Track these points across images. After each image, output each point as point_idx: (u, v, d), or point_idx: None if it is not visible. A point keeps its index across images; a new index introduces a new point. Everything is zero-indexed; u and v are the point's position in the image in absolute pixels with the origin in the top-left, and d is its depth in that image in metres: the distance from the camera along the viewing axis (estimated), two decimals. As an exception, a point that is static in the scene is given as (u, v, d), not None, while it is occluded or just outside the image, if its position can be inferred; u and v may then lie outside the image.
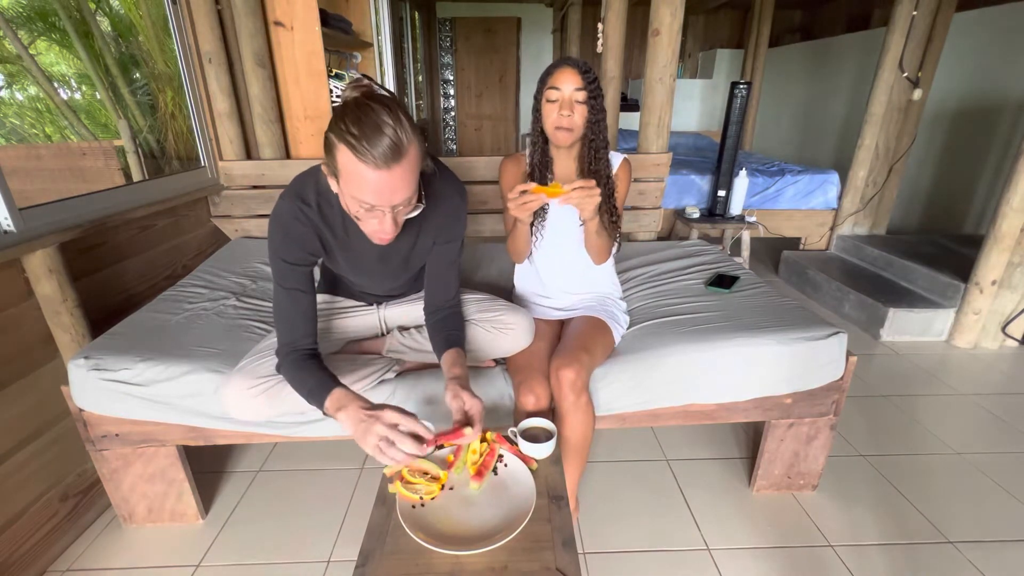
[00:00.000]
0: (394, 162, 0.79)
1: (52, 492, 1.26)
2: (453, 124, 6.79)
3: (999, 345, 2.30)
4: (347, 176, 0.81)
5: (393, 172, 0.80)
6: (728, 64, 5.67)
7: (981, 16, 3.08)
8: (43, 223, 1.28)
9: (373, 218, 0.87)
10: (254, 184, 2.03)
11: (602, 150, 1.25)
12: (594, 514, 1.40)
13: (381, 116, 0.78)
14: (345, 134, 0.78)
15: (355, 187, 0.82)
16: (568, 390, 1.12)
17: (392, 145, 0.78)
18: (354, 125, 0.77)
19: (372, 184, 0.80)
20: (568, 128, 1.19)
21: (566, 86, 1.16)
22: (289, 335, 1.01)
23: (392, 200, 0.84)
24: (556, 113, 1.18)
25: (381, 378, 1.19)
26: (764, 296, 1.52)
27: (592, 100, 1.18)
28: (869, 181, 2.95)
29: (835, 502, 1.44)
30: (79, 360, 1.16)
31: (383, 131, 0.77)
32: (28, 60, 2.11)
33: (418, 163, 0.84)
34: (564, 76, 1.16)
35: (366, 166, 0.78)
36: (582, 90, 1.16)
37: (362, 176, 0.80)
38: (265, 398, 1.06)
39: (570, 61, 1.17)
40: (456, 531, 0.79)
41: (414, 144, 0.81)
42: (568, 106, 1.17)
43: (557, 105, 1.18)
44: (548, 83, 1.18)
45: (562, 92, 1.16)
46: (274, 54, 2.00)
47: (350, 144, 0.77)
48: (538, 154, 1.27)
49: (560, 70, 1.17)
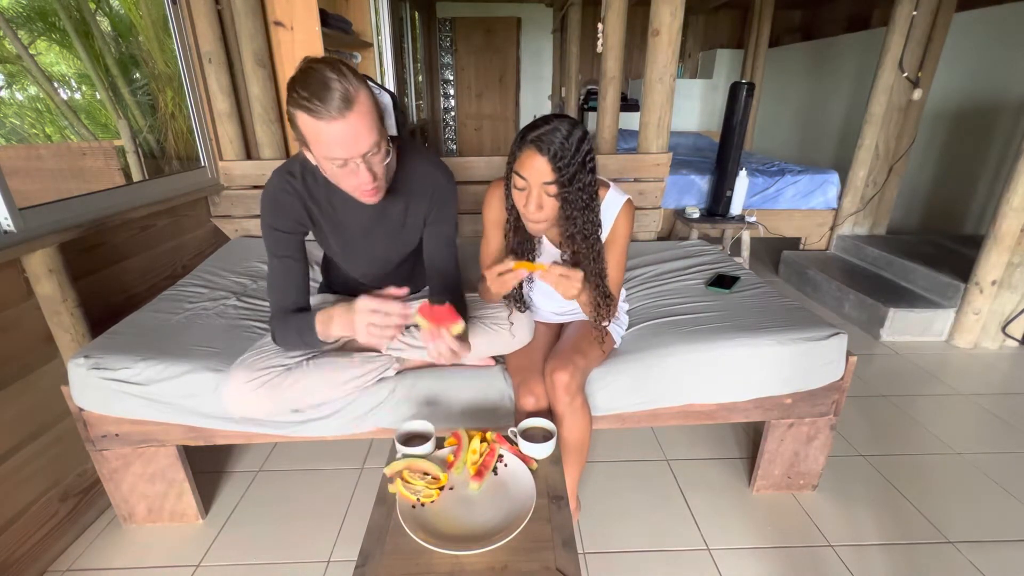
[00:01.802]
0: (347, 110, 0.83)
1: (52, 492, 1.26)
2: (453, 124, 6.79)
3: (999, 345, 2.30)
4: (312, 138, 0.86)
5: (348, 120, 0.84)
6: (728, 64, 5.67)
7: (981, 16, 3.08)
8: (43, 223, 1.28)
9: (350, 174, 0.91)
10: (254, 184, 2.03)
11: (582, 244, 1.06)
12: (594, 514, 1.40)
13: (325, 73, 0.82)
14: (299, 100, 0.82)
15: (322, 146, 0.87)
16: (563, 393, 1.12)
17: (342, 95, 0.82)
18: (303, 88, 0.82)
19: (334, 136, 0.85)
20: (535, 221, 1.02)
21: (533, 176, 0.96)
22: (281, 302, 1.07)
23: (358, 147, 0.87)
24: (522, 204, 1.00)
25: (380, 375, 1.19)
26: (764, 296, 1.52)
27: (566, 192, 0.97)
28: (869, 181, 2.95)
29: (835, 502, 1.44)
30: (79, 360, 1.16)
31: (329, 85, 0.82)
32: (28, 60, 2.11)
33: (373, 108, 0.88)
34: (531, 163, 0.95)
35: (322, 121, 0.83)
36: (552, 184, 0.95)
37: (323, 132, 0.84)
38: (265, 391, 1.07)
39: (541, 143, 0.93)
40: (456, 531, 0.79)
41: (363, 91, 0.86)
42: (536, 200, 0.98)
43: (524, 195, 0.99)
44: (515, 166, 0.98)
45: (528, 182, 0.97)
46: (274, 54, 2.00)
47: (303, 107, 0.82)
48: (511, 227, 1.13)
49: (526, 153, 0.95)
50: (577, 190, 0.98)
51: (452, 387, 1.22)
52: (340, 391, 1.14)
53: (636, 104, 4.57)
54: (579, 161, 0.96)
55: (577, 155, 0.96)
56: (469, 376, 1.23)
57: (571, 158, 0.95)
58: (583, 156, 0.97)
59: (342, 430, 1.21)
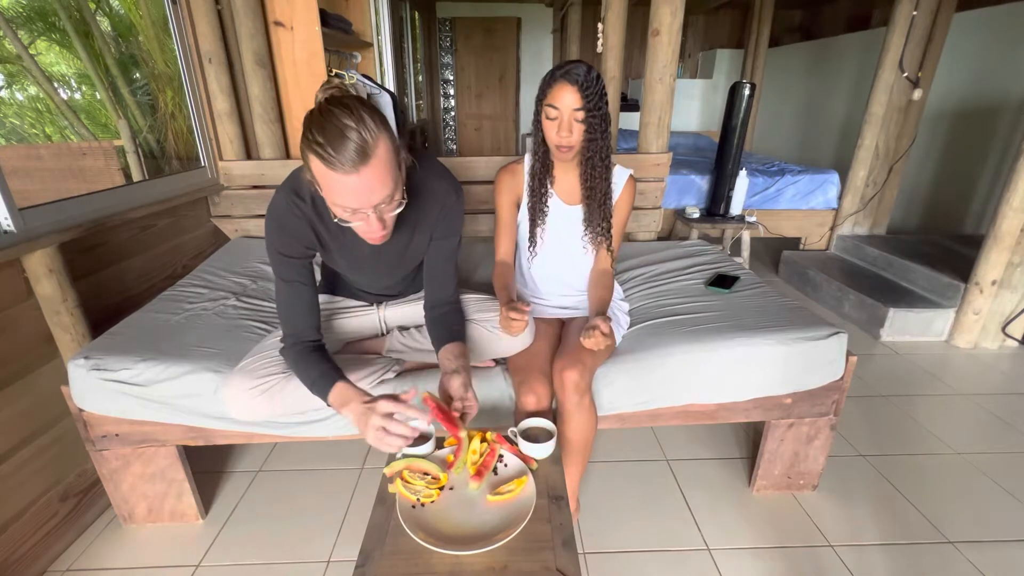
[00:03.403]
0: (363, 164, 0.79)
1: (52, 492, 1.26)
2: (453, 124, 6.79)
3: (999, 345, 2.30)
4: (323, 184, 0.83)
5: (363, 174, 0.80)
6: (728, 64, 5.67)
7: (981, 16, 3.08)
8: (43, 223, 1.28)
9: (359, 220, 0.88)
10: (254, 184, 2.03)
11: (599, 167, 1.21)
12: (594, 514, 1.40)
13: (342, 120, 0.78)
14: (312, 144, 0.79)
15: (333, 194, 0.83)
16: (572, 391, 1.12)
17: (358, 148, 0.78)
18: (319, 134, 0.78)
19: (347, 189, 0.81)
20: (568, 147, 1.16)
21: (564, 104, 1.11)
22: (293, 326, 1.03)
23: (371, 201, 0.84)
24: (555, 132, 1.15)
25: (381, 378, 1.19)
26: (764, 296, 1.52)
27: (591, 118, 1.13)
28: (869, 181, 2.95)
29: (835, 502, 1.44)
30: (79, 360, 1.16)
31: (346, 135, 0.77)
32: (28, 60, 2.11)
33: (391, 158, 0.84)
34: (562, 94, 1.10)
35: (336, 173, 0.79)
36: (580, 109, 1.11)
37: (335, 183, 0.81)
38: (265, 398, 1.06)
39: (569, 76, 1.10)
40: (456, 531, 0.79)
41: (382, 140, 0.81)
42: (567, 126, 1.13)
43: (556, 123, 1.14)
44: (546, 99, 1.13)
45: (560, 111, 1.12)
46: (274, 54, 2.00)
47: (318, 154, 0.78)
48: (539, 162, 1.25)
49: (558, 86, 1.11)
50: (600, 116, 1.14)
51: (452, 387, 1.22)
52: None
53: (636, 104, 4.58)
54: (599, 92, 1.12)
55: (598, 85, 1.12)
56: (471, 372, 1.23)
57: (594, 88, 1.10)
58: (601, 88, 1.12)
59: (342, 430, 1.21)
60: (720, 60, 5.68)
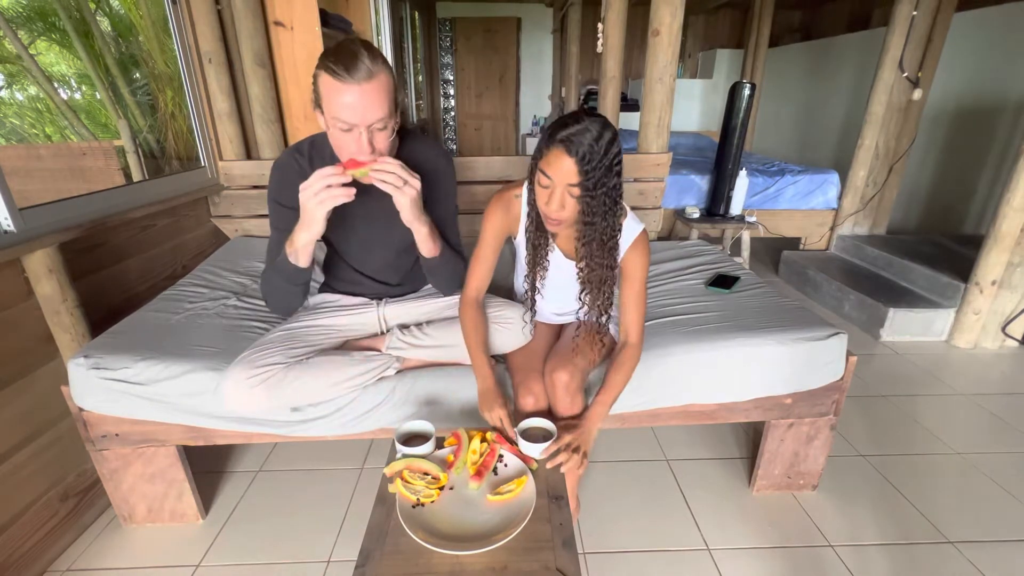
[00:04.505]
0: (365, 80, 0.90)
1: (52, 492, 1.26)
2: (453, 124, 6.79)
3: (999, 345, 2.30)
4: (326, 98, 0.93)
5: (364, 88, 0.91)
6: (728, 64, 5.67)
7: (981, 16, 3.08)
8: (43, 223, 1.28)
9: (351, 141, 0.96)
10: (254, 184, 2.03)
11: (597, 254, 1.04)
12: (594, 514, 1.40)
13: (358, 48, 0.91)
14: (325, 62, 0.91)
15: (333, 106, 0.93)
16: (563, 392, 1.11)
17: (365, 68, 0.90)
18: (333, 55, 0.91)
19: (346, 100, 0.91)
20: (557, 220, 1.00)
21: (559, 176, 0.94)
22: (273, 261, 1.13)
23: (366, 117, 0.93)
24: (544, 201, 0.99)
25: (380, 375, 1.19)
26: (764, 296, 1.52)
27: (589, 197, 0.95)
28: (869, 181, 2.95)
29: (835, 502, 1.44)
30: (79, 359, 1.16)
31: (358, 57, 0.90)
32: (28, 60, 2.11)
33: (390, 90, 0.95)
34: (559, 163, 0.92)
35: (340, 82, 0.90)
36: (576, 186, 0.93)
37: (337, 93, 0.91)
38: (263, 388, 1.06)
39: (570, 145, 0.90)
40: (456, 531, 0.79)
41: (384, 73, 0.94)
42: (559, 200, 0.96)
43: (548, 192, 0.97)
44: (541, 160, 0.96)
45: (553, 182, 0.95)
46: (274, 54, 2.00)
47: (327, 68, 0.90)
48: (533, 224, 1.11)
49: (555, 152, 0.92)
50: (601, 195, 0.96)
51: (452, 387, 1.22)
52: (340, 390, 1.14)
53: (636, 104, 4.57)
54: (606, 165, 0.93)
55: (605, 159, 0.92)
56: (469, 376, 1.23)
57: (599, 161, 0.92)
58: (611, 160, 0.94)
59: (342, 430, 1.21)
60: (720, 60, 5.69)
